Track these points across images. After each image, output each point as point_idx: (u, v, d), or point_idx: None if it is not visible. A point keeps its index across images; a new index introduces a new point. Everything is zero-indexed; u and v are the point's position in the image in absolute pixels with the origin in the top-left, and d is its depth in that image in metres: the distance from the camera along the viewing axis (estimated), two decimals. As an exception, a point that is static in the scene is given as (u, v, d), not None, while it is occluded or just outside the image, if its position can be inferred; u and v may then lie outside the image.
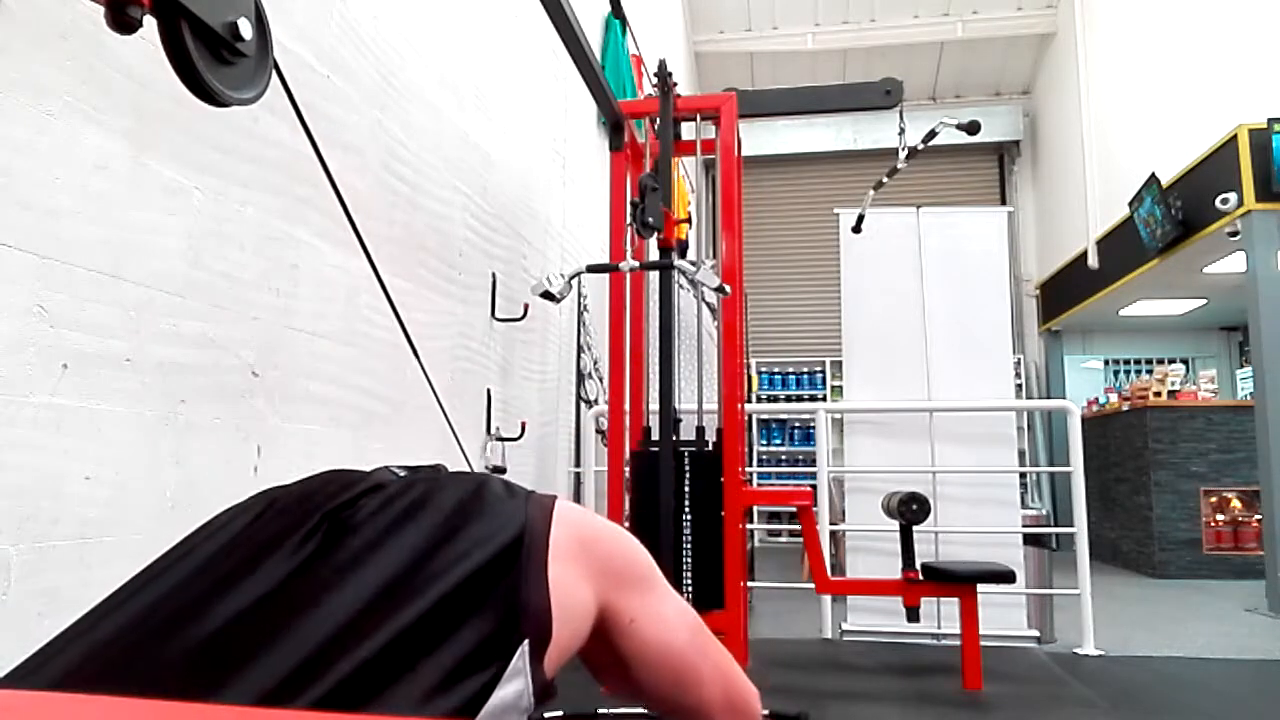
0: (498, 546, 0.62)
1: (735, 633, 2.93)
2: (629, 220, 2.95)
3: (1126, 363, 9.64)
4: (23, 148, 1.36)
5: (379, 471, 0.73)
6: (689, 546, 2.96)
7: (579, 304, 4.47)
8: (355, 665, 0.53)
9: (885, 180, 3.94)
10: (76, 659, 0.55)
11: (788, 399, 9.56)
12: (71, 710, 0.40)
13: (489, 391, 3.30)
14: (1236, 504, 6.32)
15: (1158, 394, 6.72)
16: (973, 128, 3.66)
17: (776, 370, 9.77)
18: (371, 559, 0.60)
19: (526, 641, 0.60)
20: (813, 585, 3.28)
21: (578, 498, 4.15)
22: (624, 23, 5.42)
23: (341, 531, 0.62)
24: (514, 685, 0.59)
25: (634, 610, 0.70)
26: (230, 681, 0.51)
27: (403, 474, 0.73)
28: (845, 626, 3.88)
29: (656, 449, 3.00)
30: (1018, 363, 9.09)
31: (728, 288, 2.96)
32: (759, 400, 9.38)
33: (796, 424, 9.40)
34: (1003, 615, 3.70)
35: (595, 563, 0.69)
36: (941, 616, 3.78)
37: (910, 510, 3.10)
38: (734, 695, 0.77)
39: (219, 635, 0.55)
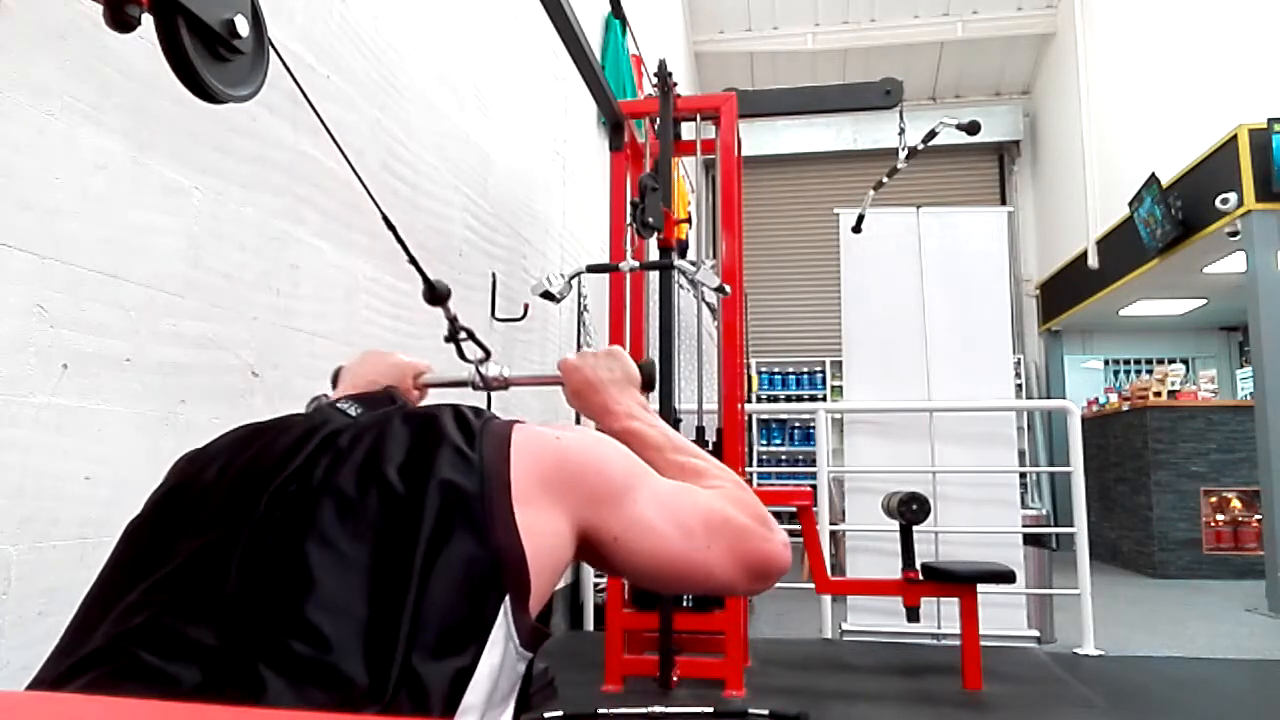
0: (458, 506, 0.60)
1: (735, 633, 2.93)
2: (629, 220, 2.95)
3: (1126, 363, 9.64)
4: (23, 148, 1.36)
5: (331, 414, 0.70)
6: (689, 546, 2.96)
7: (579, 304, 4.47)
8: (369, 680, 0.52)
9: (885, 180, 3.94)
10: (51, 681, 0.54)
11: (788, 399, 9.56)
12: (71, 710, 0.40)
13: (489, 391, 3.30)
14: (1236, 504, 6.32)
15: (1158, 394, 6.71)
16: (973, 128, 3.66)
17: (776, 370, 9.77)
18: (337, 555, 0.57)
19: (507, 597, 0.59)
20: (813, 585, 3.28)
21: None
22: (624, 23, 5.41)
23: (298, 513, 0.59)
24: (500, 643, 0.58)
25: (615, 526, 0.67)
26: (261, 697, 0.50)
27: (355, 410, 0.70)
28: (845, 626, 3.88)
29: (656, 449, 3.00)
30: (1018, 363, 9.09)
31: (728, 288, 2.96)
32: (759, 400, 9.38)
33: (796, 424, 9.40)
34: (1003, 615, 3.70)
35: (563, 487, 0.66)
36: (941, 616, 3.78)
37: (910, 510, 3.10)
38: (753, 565, 0.72)
39: (218, 651, 0.53)
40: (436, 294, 0.99)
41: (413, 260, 0.98)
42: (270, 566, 0.57)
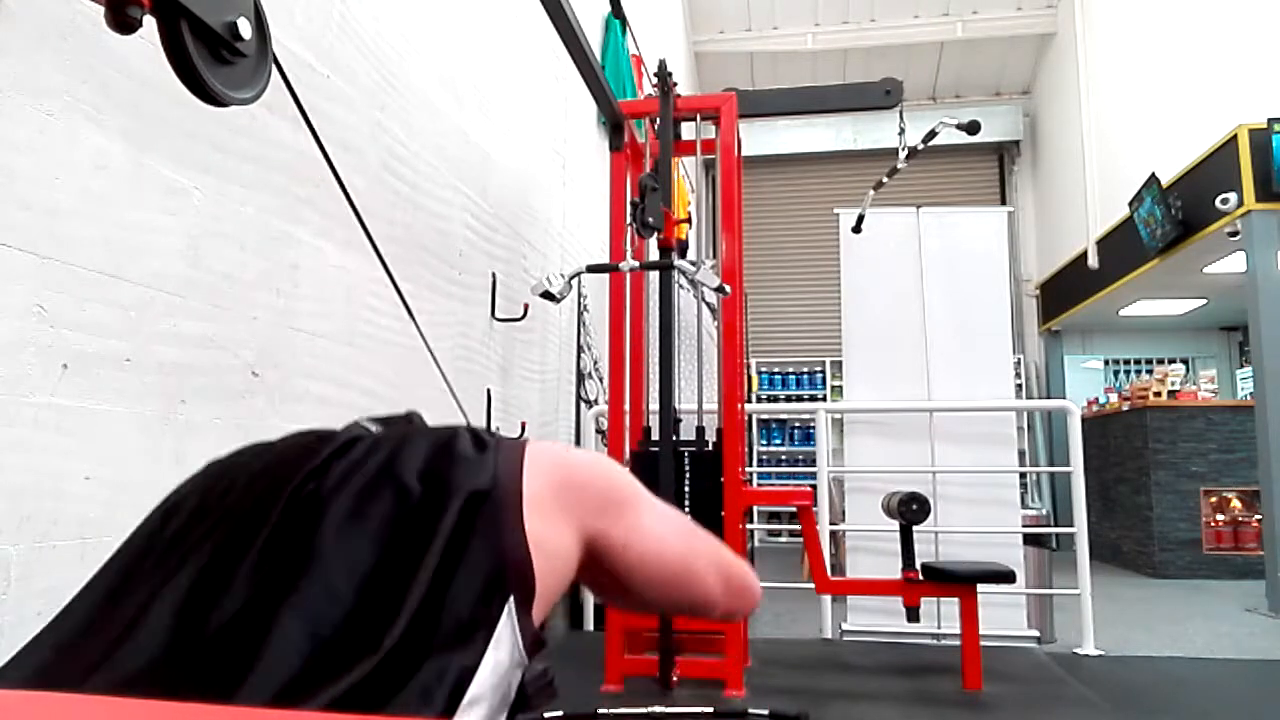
0: (471, 508, 0.62)
1: (735, 633, 2.93)
2: (629, 220, 2.95)
3: (1126, 363, 9.64)
4: (23, 148, 1.36)
5: (351, 428, 0.72)
6: (689, 546, 2.95)
7: (579, 304, 4.47)
8: (373, 665, 0.53)
9: (885, 180, 3.94)
10: (58, 679, 0.55)
11: (788, 399, 9.56)
12: (71, 710, 0.40)
13: (489, 391, 3.30)
14: (1236, 504, 6.32)
15: (1158, 394, 6.71)
16: (973, 128, 3.66)
17: (776, 370, 9.77)
18: (347, 546, 0.59)
19: (512, 598, 0.60)
20: (813, 585, 3.28)
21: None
22: (624, 23, 5.41)
23: (310, 511, 0.61)
24: (505, 645, 0.59)
25: (624, 534, 0.71)
26: (238, 692, 0.51)
27: (374, 428, 0.72)
28: (845, 626, 3.88)
29: (656, 449, 3.00)
30: (1018, 363, 9.09)
31: (728, 288, 2.96)
32: (759, 400, 9.38)
33: (796, 424, 9.40)
34: (1003, 615, 3.70)
35: (575, 501, 0.69)
36: (941, 616, 3.78)
37: (910, 510, 3.10)
38: (732, 581, 0.80)
39: (212, 649, 0.54)
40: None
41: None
42: (281, 560, 0.59)
